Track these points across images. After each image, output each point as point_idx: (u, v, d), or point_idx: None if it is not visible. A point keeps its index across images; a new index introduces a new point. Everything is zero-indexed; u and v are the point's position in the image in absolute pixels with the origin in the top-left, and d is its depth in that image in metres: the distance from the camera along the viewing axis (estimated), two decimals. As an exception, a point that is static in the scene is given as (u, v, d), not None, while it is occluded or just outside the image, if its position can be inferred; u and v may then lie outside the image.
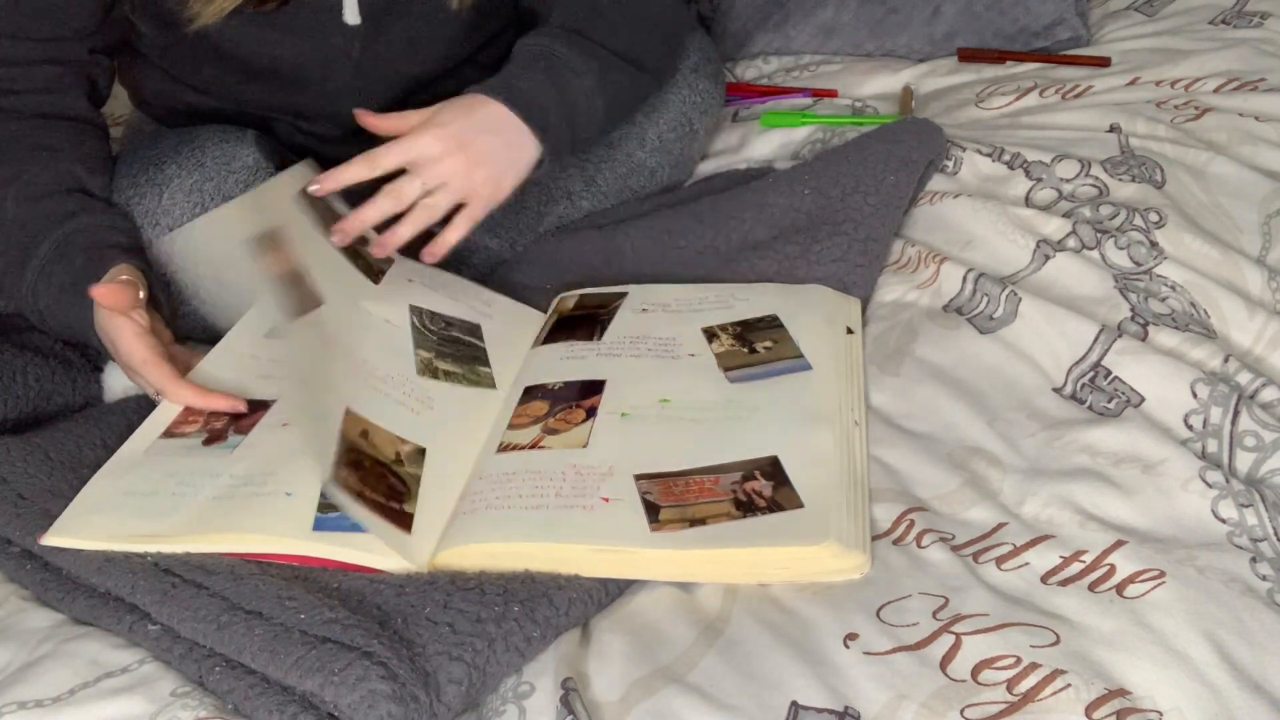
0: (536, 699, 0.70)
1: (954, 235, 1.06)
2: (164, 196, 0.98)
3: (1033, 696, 0.67)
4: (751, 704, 0.68)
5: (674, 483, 0.80)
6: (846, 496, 0.79)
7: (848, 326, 0.96)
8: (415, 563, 0.77)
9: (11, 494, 0.85)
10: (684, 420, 0.87)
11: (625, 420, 0.87)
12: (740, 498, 0.79)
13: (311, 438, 0.81)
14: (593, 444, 0.85)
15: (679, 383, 0.90)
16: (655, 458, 0.83)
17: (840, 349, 0.93)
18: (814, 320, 0.96)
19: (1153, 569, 0.74)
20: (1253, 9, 1.37)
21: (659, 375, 0.92)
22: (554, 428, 0.87)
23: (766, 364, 0.91)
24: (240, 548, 0.78)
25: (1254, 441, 0.84)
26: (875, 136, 1.13)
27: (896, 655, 0.70)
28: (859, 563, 0.76)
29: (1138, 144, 1.15)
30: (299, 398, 0.87)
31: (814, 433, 0.84)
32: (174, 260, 0.96)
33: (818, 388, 0.89)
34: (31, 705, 0.72)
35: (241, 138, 1.01)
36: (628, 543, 0.76)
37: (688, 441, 0.84)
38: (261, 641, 0.70)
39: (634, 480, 0.81)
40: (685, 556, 0.76)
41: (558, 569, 0.76)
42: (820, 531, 0.76)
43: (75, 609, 0.79)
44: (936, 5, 1.42)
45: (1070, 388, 0.90)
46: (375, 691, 0.66)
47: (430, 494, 0.82)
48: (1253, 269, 1.00)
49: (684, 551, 0.76)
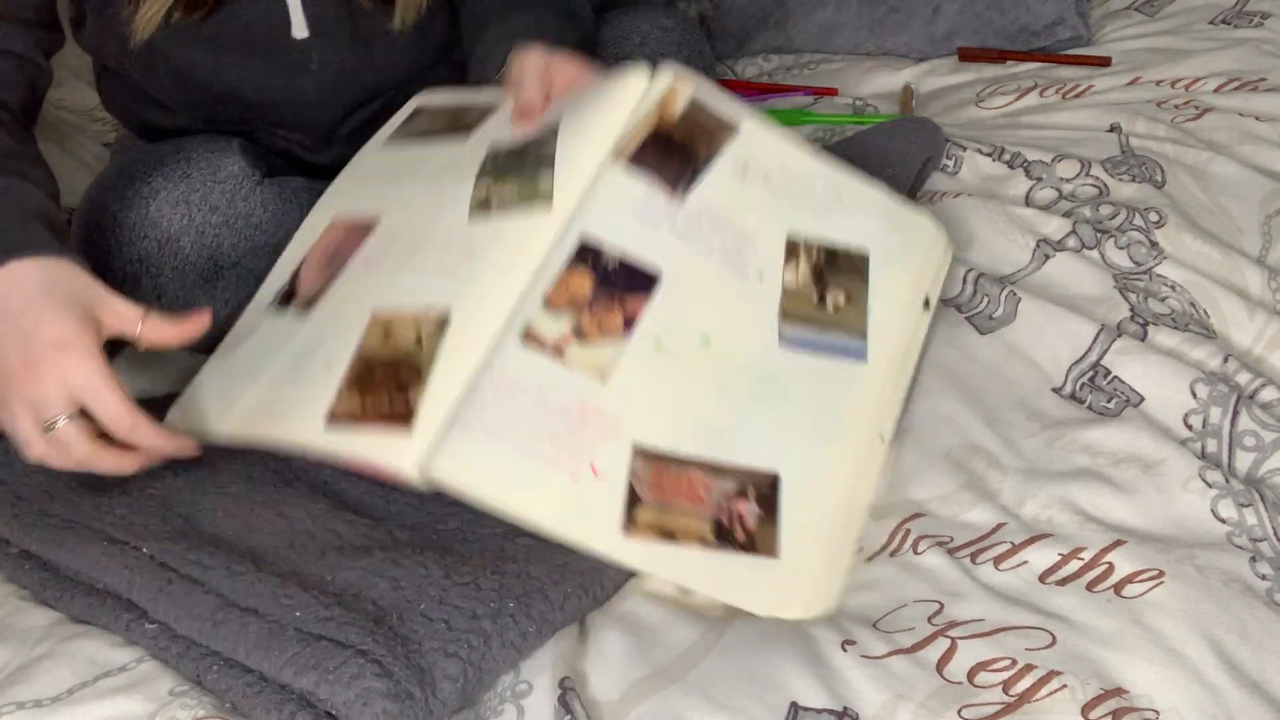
0: (534, 698, 0.70)
1: (954, 235, 1.05)
2: (150, 208, 0.98)
3: (1029, 697, 0.67)
4: (751, 704, 0.68)
5: (668, 471, 0.78)
6: (830, 541, 0.79)
7: (926, 297, 0.91)
8: (405, 468, 0.73)
9: (9, 495, 0.85)
10: (712, 380, 0.82)
11: (657, 355, 0.81)
12: (722, 520, 0.77)
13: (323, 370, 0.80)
14: (614, 379, 0.79)
15: (731, 318, 0.84)
16: (665, 426, 0.79)
17: (905, 334, 0.89)
18: (899, 278, 0.90)
19: (1152, 569, 0.74)
20: (1253, 9, 1.37)
21: (716, 295, 0.84)
22: (585, 331, 0.80)
23: (826, 330, 0.86)
24: (270, 443, 0.78)
25: (1253, 441, 0.84)
26: (874, 133, 1.13)
27: (893, 658, 0.70)
28: (818, 610, 0.76)
29: (1138, 144, 1.15)
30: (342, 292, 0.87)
31: (830, 454, 0.82)
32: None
33: (859, 393, 0.85)
34: (30, 705, 0.72)
35: (227, 147, 1.02)
36: (595, 543, 0.75)
37: (704, 416, 0.81)
38: (256, 639, 0.70)
39: (631, 453, 0.78)
40: (645, 568, 0.76)
41: (523, 520, 0.74)
42: (782, 599, 0.75)
43: (73, 607, 0.79)
44: (936, 5, 1.42)
45: (1070, 387, 0.90)
46: (370, 689, 0.66)
47: (441, 376, 0.77)
48: (1253, 269, 1.00)
49: (645, 565, 0.76)
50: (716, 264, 0.85)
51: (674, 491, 0.77)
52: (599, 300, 0.81)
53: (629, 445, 0.78)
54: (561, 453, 0.76)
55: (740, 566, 0.76)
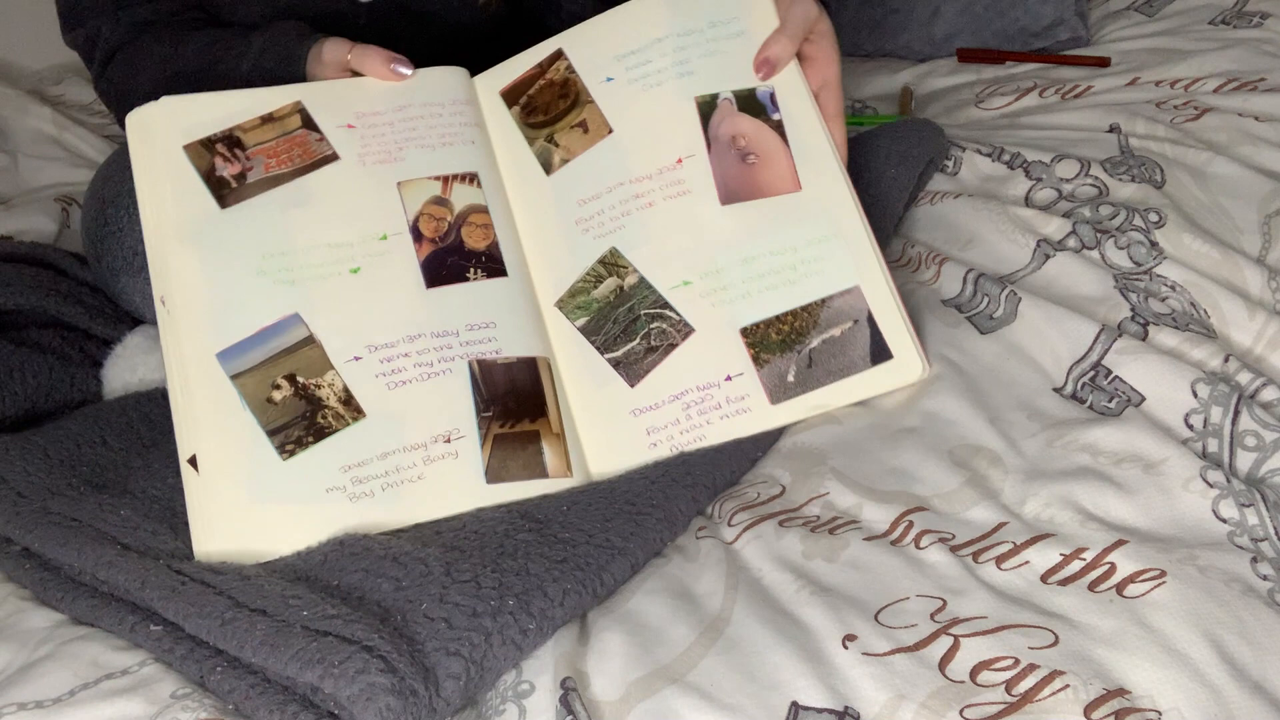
0: (536, 698, 0.70)
1: (954, 235, 1.06)
2: (135, 210, 0.99)
3: (1031, 697, 0.67)
4: (751, 704, 0.68)
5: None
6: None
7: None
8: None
9: (10, 492, 0.85)
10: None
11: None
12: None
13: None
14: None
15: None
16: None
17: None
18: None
19: (1153, 568, 0.74)
20: (1253, 9, 1.37)
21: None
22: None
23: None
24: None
25: (1254, 441, 0.84)
26: (876, 134, 1.13)
27: (895, 656, 0.70)
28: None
29: (1137, 144, 1.15)
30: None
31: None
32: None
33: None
34: (31, 706, 0.72)
35: None
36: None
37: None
38: (263, 636, 0.70)
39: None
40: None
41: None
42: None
43: (76, 609, 0.79)
44: (936, 5, 1.42)
45: (1071, 387, 0.90)
46: (375, 684, 0.66)
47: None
48: (1253, 269, 1.01)
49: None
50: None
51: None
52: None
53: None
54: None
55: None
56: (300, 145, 0.90)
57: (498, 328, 0.88)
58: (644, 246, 0.92)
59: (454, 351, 0.87)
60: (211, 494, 0.81)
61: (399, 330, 0.87)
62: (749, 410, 0.89)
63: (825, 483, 0.84)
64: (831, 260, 0.92)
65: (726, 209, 0.92)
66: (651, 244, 0.92)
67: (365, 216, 0.89)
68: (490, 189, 0.93)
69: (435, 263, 0.89)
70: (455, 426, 0.85)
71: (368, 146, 0.91)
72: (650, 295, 0.91)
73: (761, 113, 0.95)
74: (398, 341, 0.86)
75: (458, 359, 0.87)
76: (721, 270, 0.91)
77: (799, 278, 0.91)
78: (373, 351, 0.86)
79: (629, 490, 0.83)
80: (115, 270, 1.05)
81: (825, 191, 0.93)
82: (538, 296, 0.92)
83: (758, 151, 0.93)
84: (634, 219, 0.92)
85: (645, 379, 0.89)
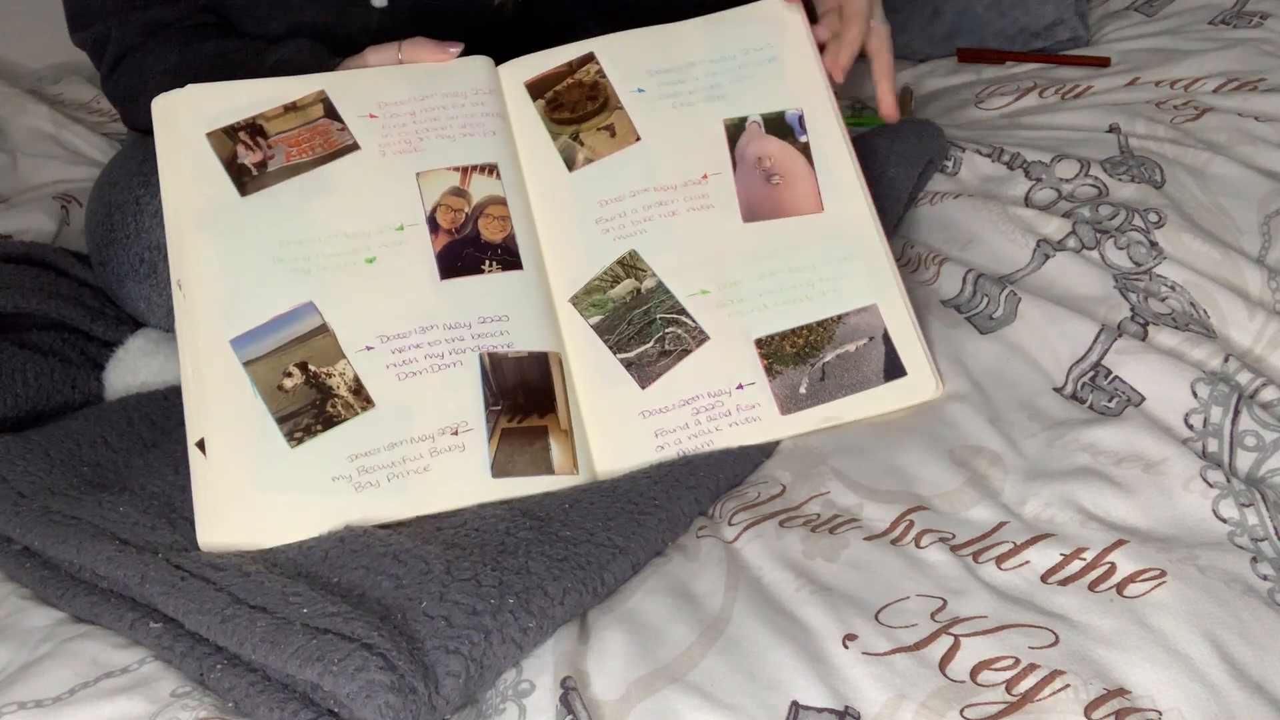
0: (536, 697, 0.70)
1: (954, 235, 1.06)
2: (143, 217, 0.99)
3: (1032, 697, 0.67)
4: (751, 704, 0.68)
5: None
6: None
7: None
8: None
9: (11, 492, 0.85)
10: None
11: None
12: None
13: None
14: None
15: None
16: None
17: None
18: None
19: (1153, 568, 0.74)
20: (1253, 9, 1.37)
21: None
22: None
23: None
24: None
25: (1254, 441, 0.84)
26: (877, 134, 1.13)
27: (895, 656, 0.70)
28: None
29: (1137, 144, 1.15)
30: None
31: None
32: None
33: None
34: (31, 705, 0.72)
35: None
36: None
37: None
38: (263, 633, 0.70)
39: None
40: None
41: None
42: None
43: (76, 606, 0.79)
44: (936, 5, 1.42)
45: (1071, 387, 0.90)
46: (374, 682, 0.66)
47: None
48: (1252, 269, 1.01)
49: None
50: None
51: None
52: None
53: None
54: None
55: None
56: (322, 134, 0.90)
57: (510, 321, 0.88)
58: (665, 253, 0.92)
59: (465, 344, 0.87)
60: (218, 478, 0.81)
61: (411, 321, 0.87)
62: (758, 419, 0.89)
63: (826, 482, 0.84)
64: (850, 279, 0.93)
65: (749, 226, 0.94)
66: (672, 251, 0.92)
67: (383, 206, 0.89)
68: (510, 181, 0.93)
69: (450, 254, 0.89)
70: (463, 419, 0.85)
71: (389, 136, 0.92)
72: (667, 300, 0.91)
73: (789, 134, 0.96)
74: (410, 332, 0.86)
75: (469, 351, 0.87)
76: (740, 282, 0.92)
77: (817, 294, 0.92)
78: (385, 342, 0.86)
79: (631, 489, 0.83)
80: (121, 276, 1.05)
81: (847, 212, 0.95)
82: (552, 292, 0.92)
83: (782, 172, 0.94)
84: (656, 225, 0.93)
85: (657, 382, 0.90)
